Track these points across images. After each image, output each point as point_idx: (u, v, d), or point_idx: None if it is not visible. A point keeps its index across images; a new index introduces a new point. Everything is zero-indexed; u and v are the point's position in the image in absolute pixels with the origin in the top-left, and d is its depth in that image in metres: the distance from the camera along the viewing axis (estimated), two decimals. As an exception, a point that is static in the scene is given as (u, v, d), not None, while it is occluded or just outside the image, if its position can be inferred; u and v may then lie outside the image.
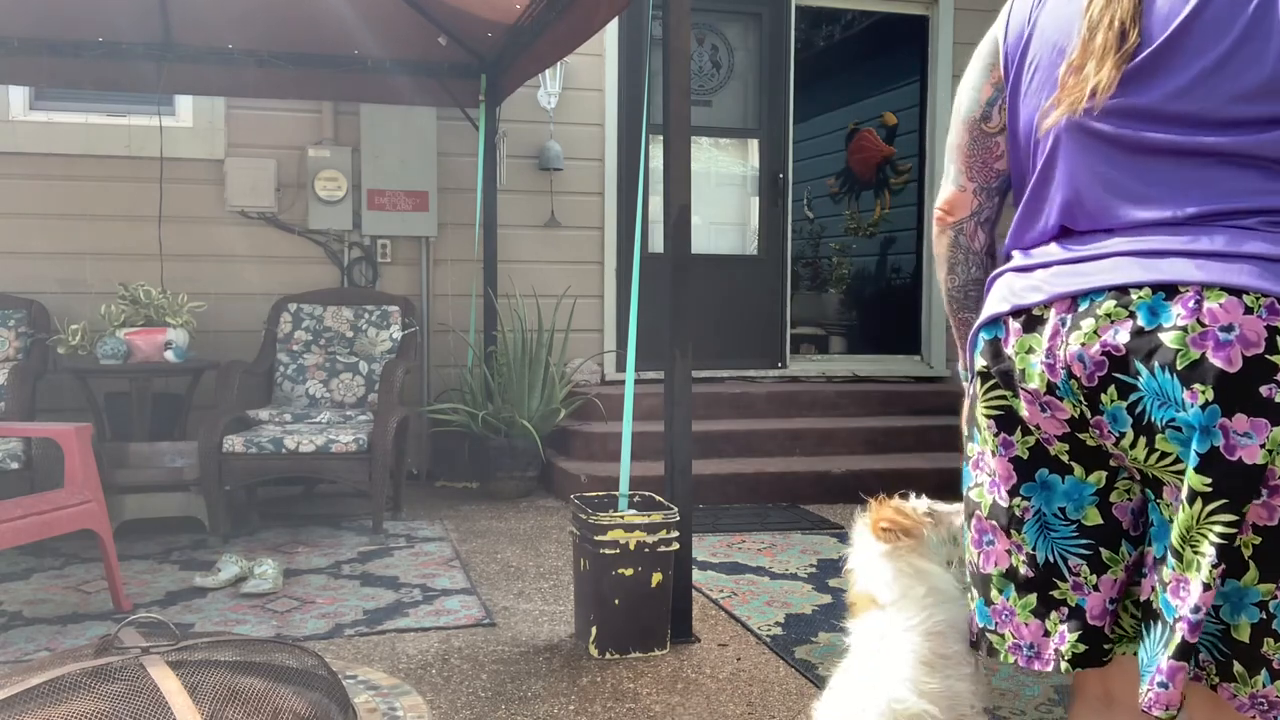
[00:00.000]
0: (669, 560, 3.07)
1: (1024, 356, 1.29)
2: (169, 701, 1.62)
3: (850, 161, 8.63)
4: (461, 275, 5.85)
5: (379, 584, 3.76)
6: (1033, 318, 1.29)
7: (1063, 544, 1.31)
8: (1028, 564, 1.34)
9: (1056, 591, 1.32)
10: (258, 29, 5.01)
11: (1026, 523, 1.33)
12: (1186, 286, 1.17)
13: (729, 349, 6.34)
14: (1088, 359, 1.22)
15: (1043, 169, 1.33)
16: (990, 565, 1.38)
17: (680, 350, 3.20)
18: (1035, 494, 1.32)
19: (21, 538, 3.13)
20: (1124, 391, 1.20)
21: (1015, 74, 1.38)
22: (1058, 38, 1.32)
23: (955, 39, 6.52)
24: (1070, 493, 1.31)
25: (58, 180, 5.33)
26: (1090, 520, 1.30)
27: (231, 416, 4.58)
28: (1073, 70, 1.27)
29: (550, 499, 5.28)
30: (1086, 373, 1.22)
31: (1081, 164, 1.29)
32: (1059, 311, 1.26)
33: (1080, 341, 1.22)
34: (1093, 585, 1.31)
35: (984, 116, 1.45)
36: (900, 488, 6.19)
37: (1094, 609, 1.31)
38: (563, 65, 5.82)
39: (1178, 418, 1.16)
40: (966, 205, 1.49)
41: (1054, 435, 1.30)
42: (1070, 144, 1.29)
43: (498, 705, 2.68)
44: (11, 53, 4.91)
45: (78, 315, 5.07)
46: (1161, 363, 1.16)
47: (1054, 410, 1.28)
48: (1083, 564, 1.31)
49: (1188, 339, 1.15)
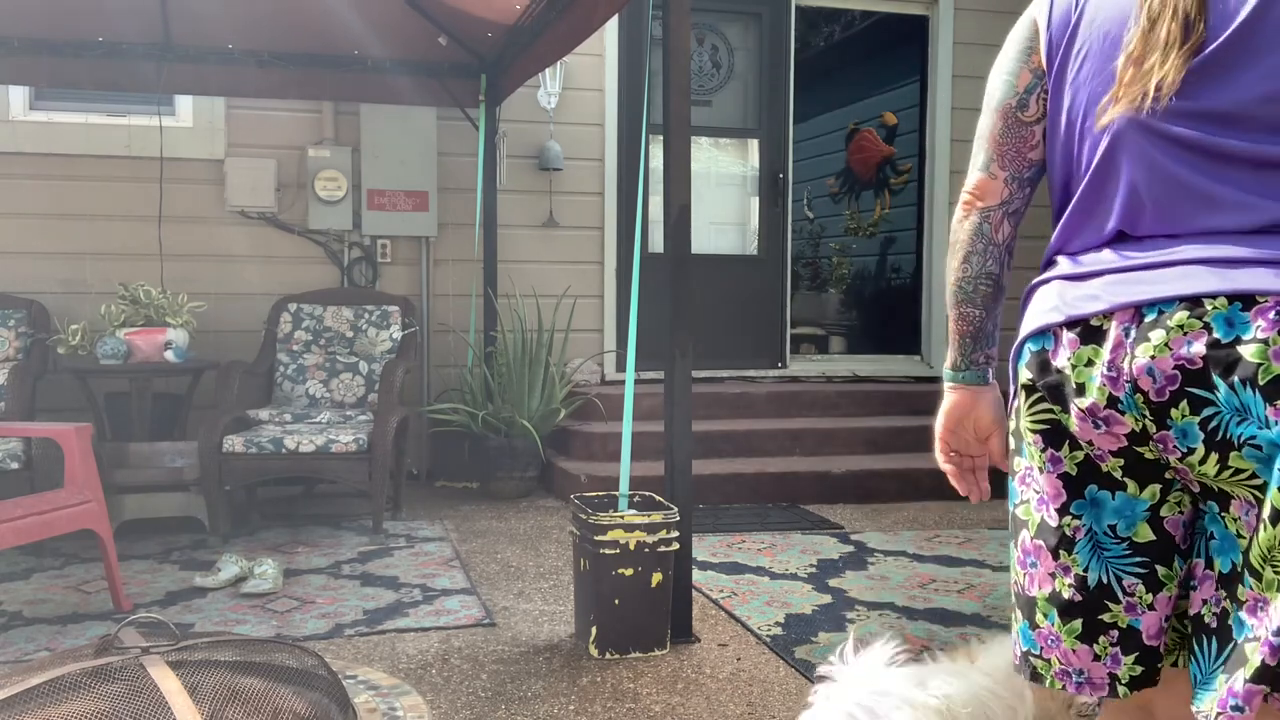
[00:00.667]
0: (669, 560, 3.07)
1: (1082, 370, 1.23)
2: (169, 701, 1.62)
3: (850, 161, 8.63)
4: (461, 275, 5.85)
5: (379, 584, 3.76)
6: (1090, 328, 1.22)
7: (1117, 564, 1.26)
8: (1075, 587, 1.28)
9: (1107, 615, 1.27)
10: (258, 29, 5.01)
11: (1078, 543, 1.27)
12: (1265, 297, 1.11)
13: (729, 349, 6.34)
14: (1158, 373, 1.16)
15: (1099, 168, 1.26)
16: (1035, 588, 1.33)
17: (680, 350, 3.20)
18: (1086, 511, 1.27)
19: (21, 538, 3.13)
20: (1197, 406, 1.15)
21: (1060, 61, 1.31)
22: (1110, 26, 1.25)
23: (955, 39, 6.52)
24: (1121, 509, 1.25)
25: (58, 180, 5.33)
26: (1142, 537, 1.25)
27: (231, 416, 4.58)
28: (1132, 62, 1.21)
29: (550, 499, 5.28)
30: (1156, 387, 1.16)
31: (1146, 166, 1.22)
32: (1121, 322, 1.20)
33: (1150, 354, 1.16)
34: (1148, 605, 1.26)
35: (1020, 104, 1.37)
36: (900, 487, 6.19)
37: (1150, 629, 1.26)
38: (563, 65, 5.82)
39: (1259, 435, 1.11)
40: (997, 193, 1.41)
41: (1108, 451, 1.24)
42: (1134, 144, 1.23)
43: (498, 705, 2.68)
44: (12, 53, 4.91)
45: (78, 315, 5.07)
46: (1242, 377, 1.11)
47: (1112, 425, 1.22)
48: (1138, 583, 1.25)
49: (1270, 352, 1.09)
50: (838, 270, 8.42)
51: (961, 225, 1.44)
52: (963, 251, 1.43)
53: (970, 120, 5.52)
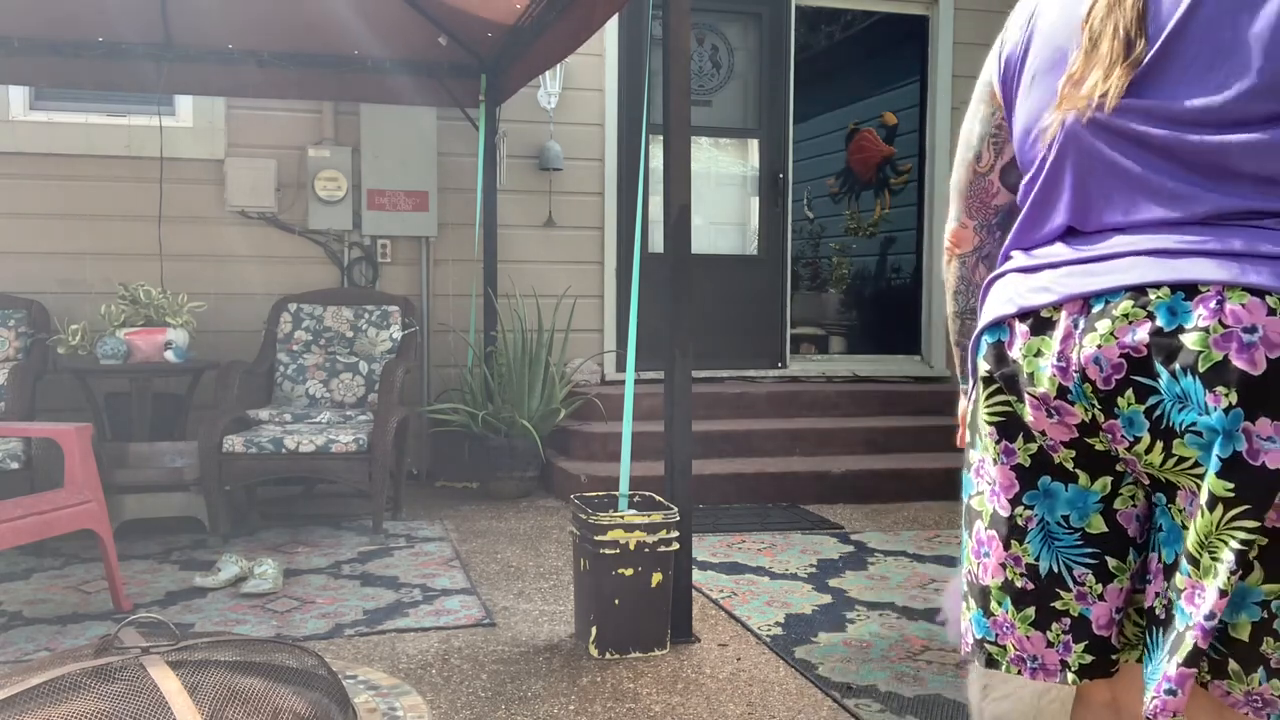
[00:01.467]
0: (669, 560, 3.07)
1: (1031, 360, 1.26)
2: (169, 701, 1.62)
3: (850, 161, 8.63)
4: (461, 275, 5.85)
5: (379, 584, 3.76)
6: (1041, 320, 1.26)
7: (1067, 553, 1.29)
8: (1027, 576, 1.31)
9: (1058, 603, 1.30)
10: (258, 29, 5.01)
11: (1030, 532, 1.30)
12: (1207, 286, 1.14)
13: (729, 349, 6.34)
14: (1104, 361, 1.19)
15: (1051, 169, 1.30)
16: (988, 577, 1.36)
17: (680, 350, 3.20)
18: (1039, 502, 1.30)
19: (21, 538, 3.13)
20: (1142, 395, 1.17)
21: (1016, 82, 1.37)
22: (1059, 42, 1.30)
23: (955, 39, 6.52)
24: (1074, 501, 1.28)
25: (58, 180, 5.33)
26: (1095, 528, 1.28)
27: (231, 416, 4.58)
28: (1073, 82, 1.25)
29: (550, 499, 5.28)
30: (1103, 375, 1.19)
31: (1090, 162, 1.26)
32: (1070, 313, 1.23)
33: (1096, 344, 1.19)
34: (1098, 595, 1.28)
35: (976, 157, 1.48)
36: (900, 487, 6.19)
37: (1100, 619, 1.29)
38: (563, 65, 5.81)
39: (1199, 421, 1.13)
40: (969, 241, 1.54)
41: (1060, 441, 1.27)
42: (1079, 143, 1.27)
43: (498, 705, 2.68)
44: (12, 53, 4.91)
45: (78, 315, 5.07)
46: (1183, 365, 1.13)
47: (1063, 415, 1.25)
48: (1088, 573, 1.28)
49: (1210, 340, 1.12)
50: (838, 270, 8.42)
51: (948, 269, 1.59)
52: (951, 290, 1.59)
53: (970, 120, 5.34)
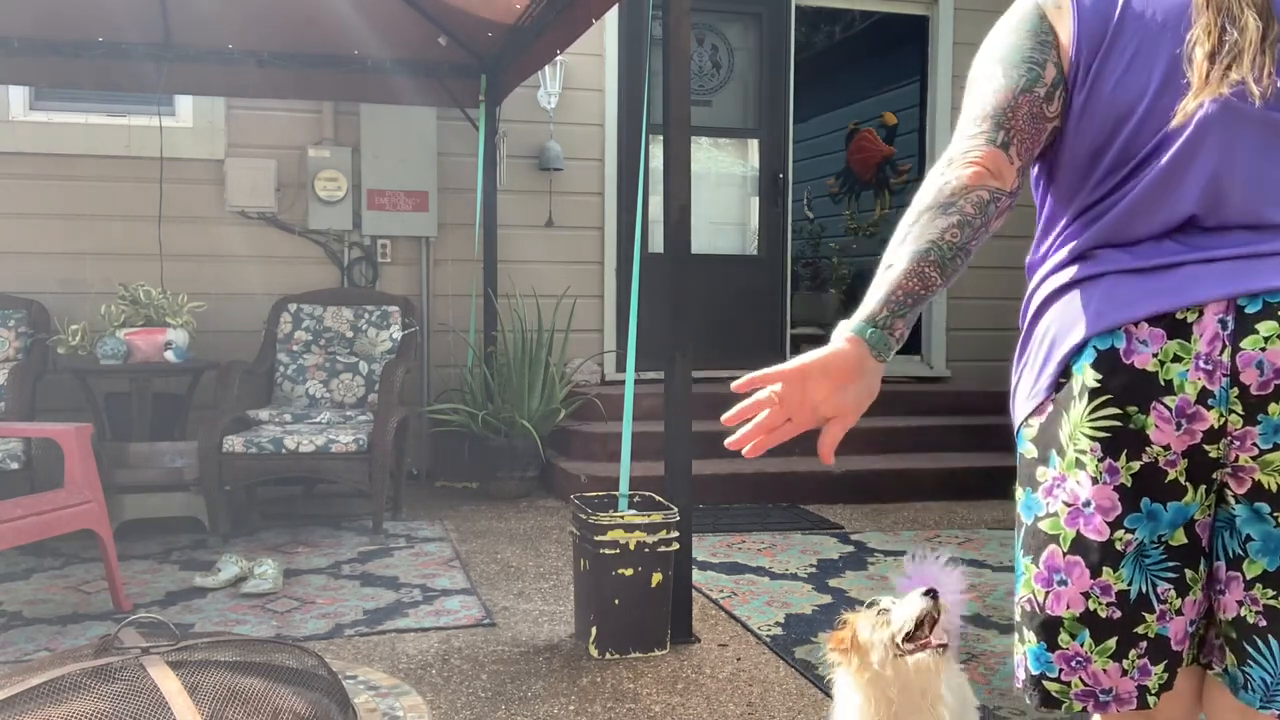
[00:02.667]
0: (669, 560, 3.07)
1: (1170, 365, 1.17)
2: (169, 701, 1.62)
3: (850, 161, 8.63)
4: (461, 275, 5.85)
5: (379, 584, 3.76)
6: (1176, 322, 1.17)
7: (1154, 570, 1.22)
8: (1115, 604, 1.22)
9: (1141, 626, 1.22)
10: (258, 29, 5.01)
11: (1126, 557, 1.21)
12: None
13: (729, 349, 6.33)
14: (1267, 365, 1.12)
15: (1176, 157, 1.20)
16: (1061, 607, 1.25)
17: (680, 350, 3.20)
18: (1140, 525, 1.21)
19: (21, 538, 3.13)
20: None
21: (1102, 53, 1.24)
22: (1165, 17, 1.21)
23: (955, 39, 6.52)
24: (1174, 519, 1.21)
25: (58, 180, 5.33)
26: (1176, 540, 1.21)
27: (231, 416, 4.58)
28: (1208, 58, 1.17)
29: (550, 499, 5.28)
30: (1261, 380, 1.12)
31: (1234, 152, 1.18)
32: (1215, 313, 1.15)
33: (1258, 345, 1.12)
34: (1176, 610, 1.23)
35: (1047, 97, 1.25)
36: (900, 487, 6.14)
37: (1176, 634, 1.23)
38: (563, 65, 5.82)
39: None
40: (1010, 179, 1.26)
41: (1179, 451, 1.18)
42: (1222, 132, 1.18)
43: (498, 705, 2.68)
44: (12, 53, 4.91)
45: (78, 315, 5.06)
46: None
47: (1195, 422, 1.17)
48: (1170, 589, 1.22)
49: None
50: (838, 270, 8.42)
51: (968, 190, 1.24)
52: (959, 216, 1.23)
53: (970, 120, 5.28)
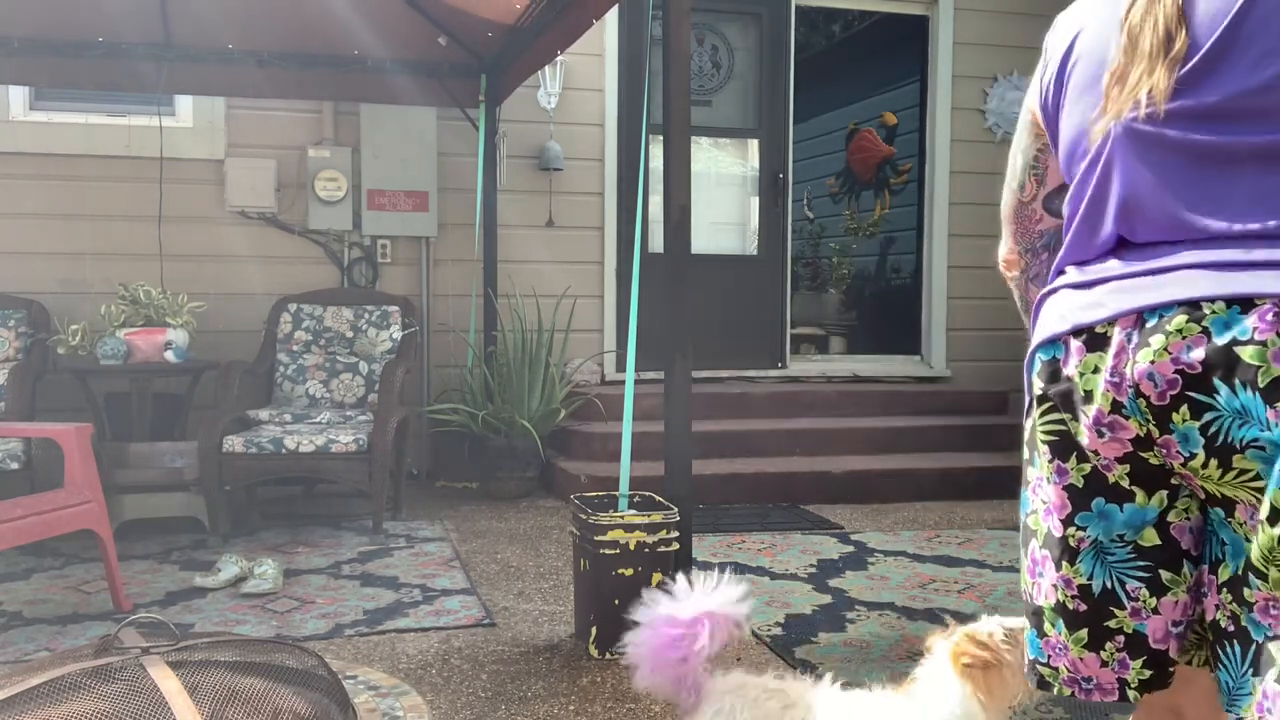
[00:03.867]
0: (669, 560, 3.07)
1: (1090, 377, 1.24)
2: (169, 701, 1.62)
3: (850, 161, 8.63)
4: (461, 275, 5.85)
5: (379, 584, 3.76)
6: (1096, 336, 1.24)
7: (1120, 568, 1.27)
8: (1079, 597, 1.29)
9: (1112, 621, 1.28)
10: (258, 29, 5.01)
11: (1082, 553, 1.28)
12: (1263, 299, 1.12)
13: (729, 349, 6.34)
14: (1159, 377, 1.17)
15: (1098, 180, 1.28)
16: (1041, 597, 1.34)
17: (680, 350, 3.20)
18: (1092, 524, 1.28)
19: (21, 538, 3.13)
20: (1197, 411, 1.16)
21: (1058, 98, 1.36)
22: (1099, 53, 1.29)
23: (955, 39, 6.51)
24: (1130, 520, 1.26)
25: (58, 180, 5.33)
26: (1147, 541, 1.25)
27: (231, 416, 4.58)
28: (1117, 79, 1.24)
29: (550, 499, 5.28)
30: (1158, 391, 1.17)
31: (1142, 171, 1.23)
32: (1124, 328, 1.21)
33: (1150, 359, 1.17)
34: (1152, 609, 1.26)
35: (1020, 186, 1.52)
36: (900, 487, 6.15)
37: (1155, 633, 1.27)
38: (563, 65, 5.82)
39: (1261, 437, 1.11)
40: (1016, 265, 1.59)
41: (1114, 459, 1.25)
42: (1128, 151, 1.24)
43: (498, 705, 2.68)
44: (12, 53, 4.91)
45: (78, 315, 5.07)
46: (1242, 380, 1.11)
47: (1117, 431, 1.23)
48: (1141, 587, 1.26)
49: (1269, 354, 1.10)
50: (838, 270, 8.42)
51: (1008, 280, 1.64)
52: (1019, 300, 1.64)
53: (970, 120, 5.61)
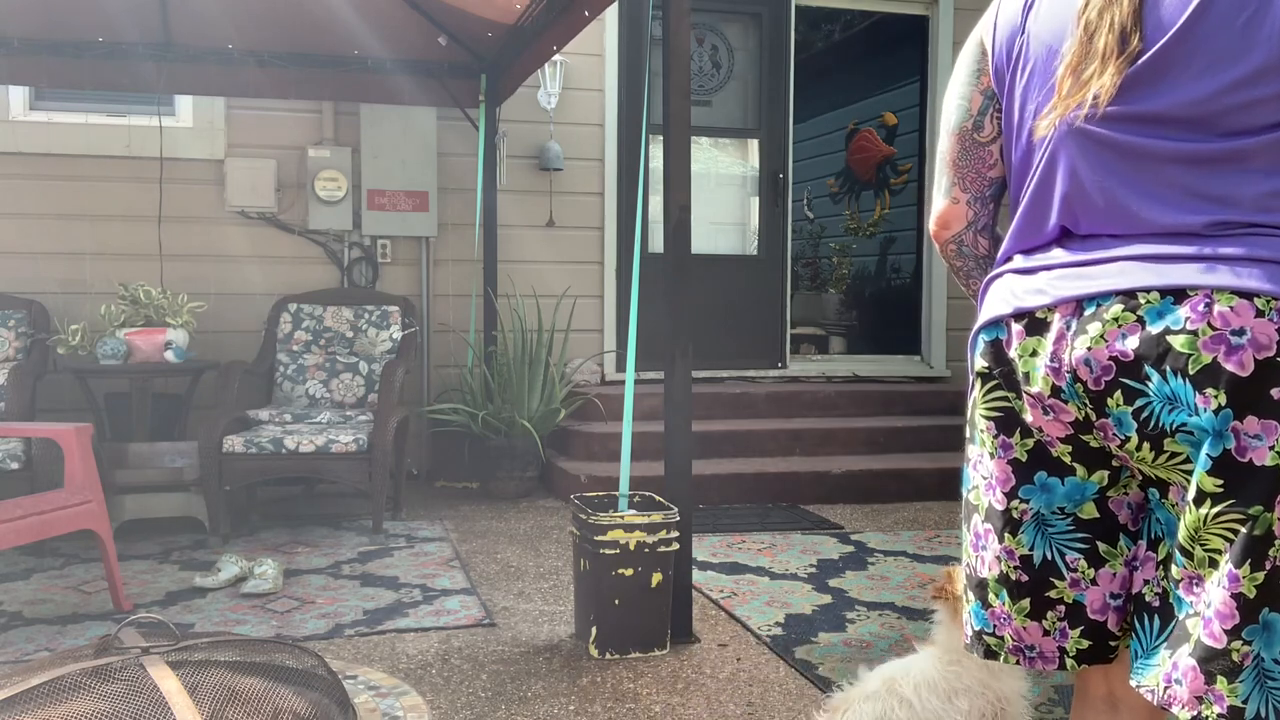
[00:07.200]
0: (669, 560, 3.07)
1: (1028, 359, 1.29)
2: (169, 701, 1.62)
3: (850, 161, 8.63)
4: (461, 275, 5.85)
5: (379, 584, 3.76)
6: (1036, 320, 1.29)
7: (1060, 539, 1.32)
8: (1021, 568, 1.34)
9: (1053, 591, 1.33)
10: (258, 29, 5.01)
11: (1024, 524, 1.33)
12: (1195, 290, 1.16)
13: (729, 349, 6.34)
14: (1094, 363, 1.22)
15: (1044, 172, 1.32)
16: (985, 569, 1.39)
17: (680, 350, 3.20)
18: (1034, 496, 1.33)
19: (22, 538, 3.13)
20: (1130, 397, 1.20)
21: (1009, 78, 1.37)
22: (1052, 40, 1.31)
23: (955, 39, 6.52)
24: (1071, 493, 1.31)
25: (58, 180, 5.33)
26: (1086, 514, 1.31)
27: (231, 416, 4.58)
28: (1070, 72, 1.26)
29: (550, 499, 5.28)
30: (1093, 377, 1.22)
31: (1085, 169, 1.27)
32: (1063, 315, 1.26)
33: (1087, 346, 1.22)
34: (1090, 580, 1.32)
35: (975, 126, 1.45)
36: (900, 487, 6.16)
37: (1094, 604, 1.32)
38: (563, 65, 5.82)
39: (1189, 422, 1.16)
40: (961, 217, 1.50)
41: (1057, 438, 1.30)
42: (1072, 148, 1.28)
43: (498, 705, 2.68)
44: (12, 53, 4.91)
45: (78, 315, 5.07)
46: (1173, 367, 1.16)
47: (1058, 413, 1.28)
48: (1080, 558, 1.31)
49: (1199, 343, 1.15)
50: (838, 270, 8.42)
51: (943, 255, 1.55)
52: (961, 274, 1.55)
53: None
